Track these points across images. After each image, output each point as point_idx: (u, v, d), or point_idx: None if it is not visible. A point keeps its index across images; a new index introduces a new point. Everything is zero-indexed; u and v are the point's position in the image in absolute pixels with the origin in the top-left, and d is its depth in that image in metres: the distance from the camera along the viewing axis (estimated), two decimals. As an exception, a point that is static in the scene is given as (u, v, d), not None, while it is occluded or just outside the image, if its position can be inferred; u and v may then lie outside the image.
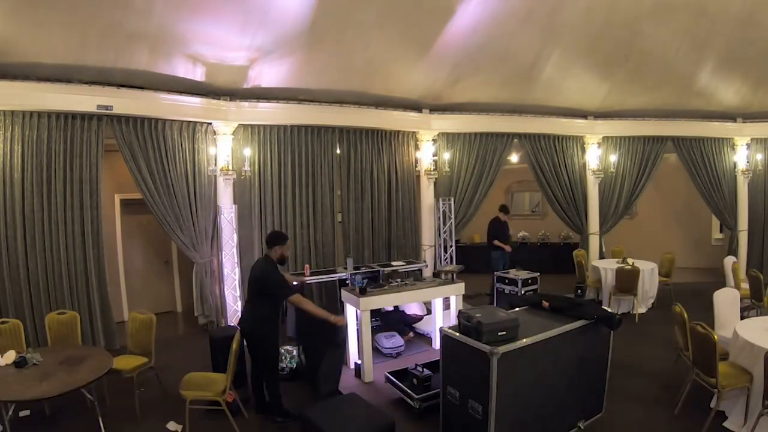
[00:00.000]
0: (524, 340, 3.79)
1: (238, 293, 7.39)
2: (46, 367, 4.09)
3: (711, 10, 7.44)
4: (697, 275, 11.38)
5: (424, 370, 5.05)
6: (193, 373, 4.68)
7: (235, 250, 7.35)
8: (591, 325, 4.27)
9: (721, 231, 12.04)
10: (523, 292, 8.06)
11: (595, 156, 10.01)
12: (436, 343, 6.60)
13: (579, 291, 5.44)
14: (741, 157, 10.33)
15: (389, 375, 5.30)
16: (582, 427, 4.34)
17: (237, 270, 7.32)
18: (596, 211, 10.15)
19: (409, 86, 8.41)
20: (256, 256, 7.95)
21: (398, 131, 8.99)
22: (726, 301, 5.74)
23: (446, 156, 9.17)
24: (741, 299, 6.23)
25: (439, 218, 9.08)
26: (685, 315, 4.87)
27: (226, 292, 7.43)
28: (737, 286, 7.72)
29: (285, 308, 7.67)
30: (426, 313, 7.58)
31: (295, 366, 5.86)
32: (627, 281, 7.89)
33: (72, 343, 5.21)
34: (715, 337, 4.20)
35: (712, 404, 4.37)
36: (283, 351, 5.79)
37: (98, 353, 4.51)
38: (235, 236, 7.24)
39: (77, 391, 3.95)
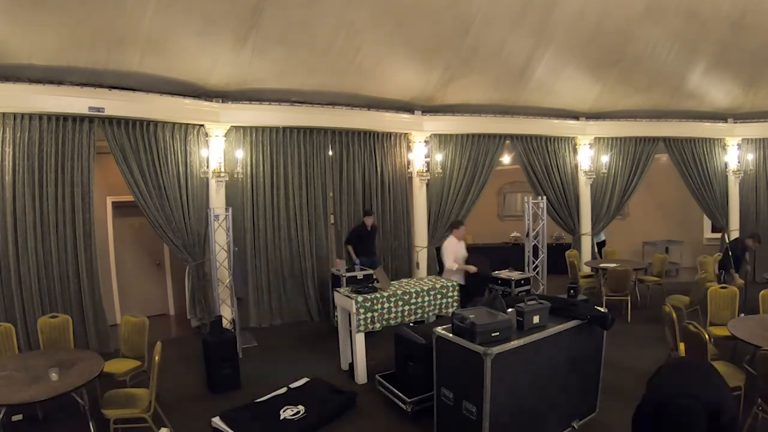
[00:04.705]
0: (518, 340, 3.80)
1: (231, 295, 7.34)
2: (37, 371, 4.06)
3: (702, 13, 7.50)
4: (688, 274, 11.43)
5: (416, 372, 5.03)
6: (116, 390, 4.48)
7: (228, 252, 7.30)
8: (584, 325, 4.28)
9: (713, 231, 12.11)
10: (516, 293, 8.07)
11: (587, 157, 10.05)
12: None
13: (572, 291, 5.45)
14: (732, 158, 10.40)
15: (380, 378, 5.30)
16: (576, 427, 4.35)
17: (229, 272, 7.27)
18: (588, 212, 10.18)
19: (401, 88, 8.42)
20: (249, 258, 7.94)
21: (390, 133, 8.99)
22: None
23: (438, 157, 9.18)
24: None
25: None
26: (674, 315, 4.91)
27: (218, 295, 7.38)
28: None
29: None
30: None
31: None
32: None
33: (64, 346, 5.18)
34: (706, 336, 4.22)
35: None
36: None
37: (89, 357, 4.47)
38: (228, 238, 7.20)
39: (69, 395, 3.92)
